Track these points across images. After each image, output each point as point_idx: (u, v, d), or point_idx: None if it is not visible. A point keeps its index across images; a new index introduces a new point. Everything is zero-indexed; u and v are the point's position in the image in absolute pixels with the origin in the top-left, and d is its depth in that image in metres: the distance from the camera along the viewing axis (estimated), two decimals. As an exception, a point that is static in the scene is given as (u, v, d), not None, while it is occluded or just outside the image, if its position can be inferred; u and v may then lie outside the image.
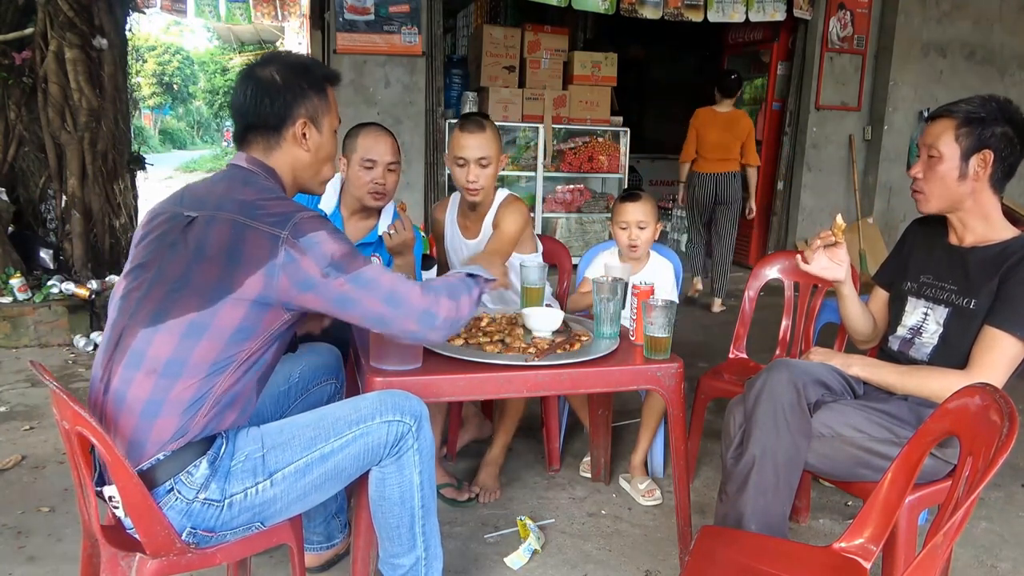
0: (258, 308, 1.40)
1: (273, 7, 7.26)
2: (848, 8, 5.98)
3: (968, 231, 1.83)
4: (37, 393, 3.33)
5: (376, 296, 1.44)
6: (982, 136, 1.73)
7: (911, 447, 1.44)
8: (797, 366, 1.75)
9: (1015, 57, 6.36)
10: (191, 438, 1.37)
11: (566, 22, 6.97)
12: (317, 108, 1.57)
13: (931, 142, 1.79)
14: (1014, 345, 1.67)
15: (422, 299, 1.47)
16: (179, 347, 1.36)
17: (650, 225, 2.43)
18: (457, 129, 2.39)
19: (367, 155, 2.25)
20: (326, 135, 1.60)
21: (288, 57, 1.61)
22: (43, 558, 2.08)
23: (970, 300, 1.76)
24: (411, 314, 1.46)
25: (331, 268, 1.41)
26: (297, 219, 1.41)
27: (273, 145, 1.55)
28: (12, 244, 4.29)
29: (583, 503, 2.48)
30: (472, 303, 1.57)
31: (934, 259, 1.89)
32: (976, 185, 1.77)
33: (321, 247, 1.41)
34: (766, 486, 1.63)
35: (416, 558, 1.63)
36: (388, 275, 1.47)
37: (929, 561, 1.11)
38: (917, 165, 1.84)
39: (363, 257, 1.47)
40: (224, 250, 1.39)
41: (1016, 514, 2.49)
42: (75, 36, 4.25)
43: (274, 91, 1.52)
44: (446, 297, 1.50)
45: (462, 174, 2.36)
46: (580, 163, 6.06)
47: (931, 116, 1.85)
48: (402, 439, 1.53)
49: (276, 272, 1.38)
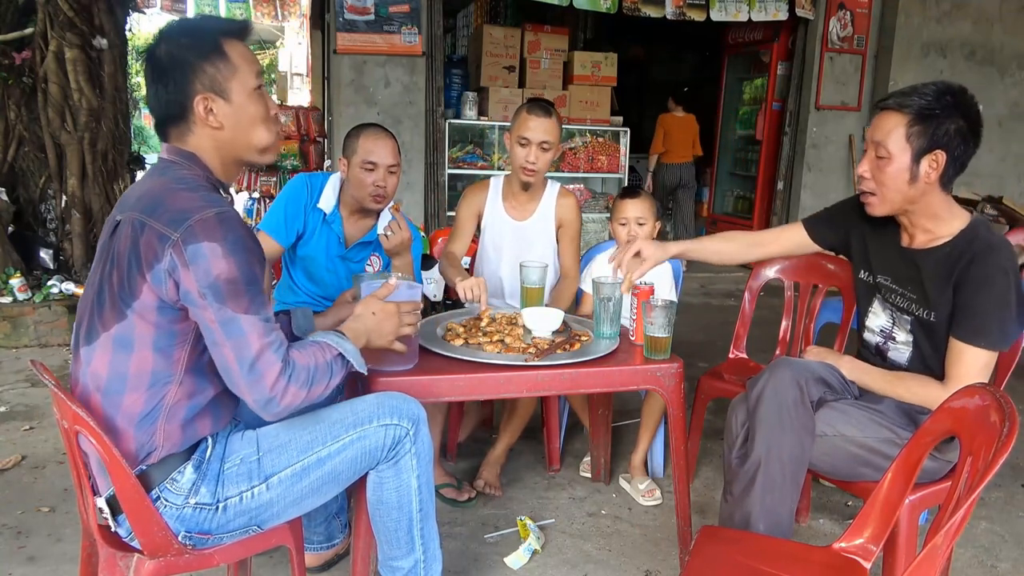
0: (166, 313, 1.30)
1: (273, 7, 7.26)
2: (848, 8, 5.98)
3: (918, 230, 1.75)
4: (37, 393, 3.33)
5: (236, 354, 1.28)
6: (935, 135, 1.60)
7: (911, 447, 1.44)
8: (799, 364, 1.75)
9: (1015, 57, 6.36)
10: (167, 451, 1.34)
11: (566, 22, 6.97)
12: (215, 76, 1.36)
13: (880, 139, 1.66)
14: (981, 354, 1.63)
15: (274, 384, 1.29)
16: (112, 362, 1.31)
17: (649, 222, 2.44)
18: (524, 111, 2.40)
19: (368, 157, 2.24)
20: (239, 99, 1.38)
21: (174, 28, 1.41)
22: (43, 558, 2.08)
23: (930, 312, 1.71)
24: (255, 391, 1.29)
25: (209, 292, 1.25)
26: (194, 220, 1.26)
27: (185, 131, 1.38)
28: (12, 244, 4.29)
29: (583, 503, 2.48)
30: (328, 389, 1.40)
31: (889, 260, 1.82)
32: (926, 187, 1.65)
33: (208, 262, 1.25)
34: (773, 485, 1.62)
35: (415, 561, 1.62)
36: (261, 339, 1.29)
37: (929, 561, 1.11)
38: (864, 162, 1.71)
39: (251, 295, 1.29)
40: (125, 254, 1.29)
41: (1016, 514, 2.48)
42: (75, 36, 4.24)
43: (164, 75, 1.35)
44: (298, 387, 1.32)
45: (523, 153, 2.38)
46: (580, 163, 6.06)
47: (880, 105, 1.69)
48: (399, 443, 1.52)
49: (162, 278, 1.26)
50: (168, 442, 1.35)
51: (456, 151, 5.80)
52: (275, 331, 1.33)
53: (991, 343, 1.63)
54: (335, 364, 1.41)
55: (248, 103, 1.40)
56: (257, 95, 1.41)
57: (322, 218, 2.32)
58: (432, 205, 5.62)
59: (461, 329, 2.01)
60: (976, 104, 1.63)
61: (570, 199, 2.55)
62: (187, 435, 1.37)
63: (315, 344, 1.41)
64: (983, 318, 1.62)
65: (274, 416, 1.34)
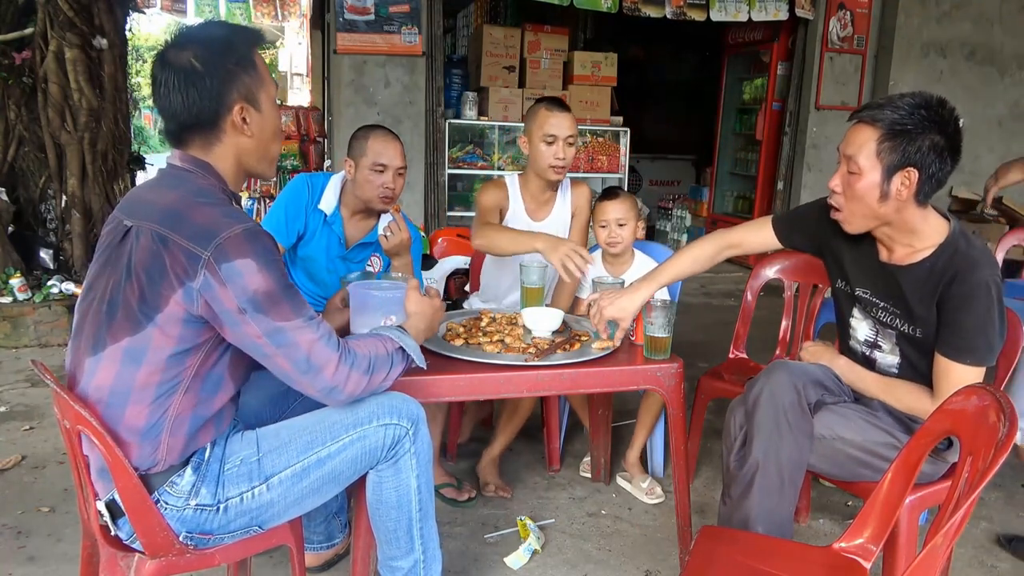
0: (190, 325, 1.30)
1: (273, 7, 7.26)
2: (848, 8, 5.98)
3: (897, 245, 1.68)
4: (37, 393, 3.33)
5: (289, 359, 1.32)
6: (907, 152, 1.53)
7: (911, 447, 1.44)
8: (796, 367, 1.75)
9: (1015, 57, 6.36)
10: (168, 464, 1.34)
11: (566, 22, 6.96)
12: (251, 85, 1.36)
13: (851, 153, 1.59)
14: (967, 371, 1.60)
15: (335, 374, 1.35)
16: (119, 375, 1.30)
17: (630, 222, 2.43)
18: (543, 109, 2.38)
19: (378, 160, 2.24)
20: (267, 110, 1.40)
21: (201, 34, 1.37)
22: (43, 558, 2.08)
23: (915, 328, 1.68)
24: (317, 383, 1.35)
25: (250, 306, 1.27)
26: (223, 239, 1.26)
27: (213, 140, 1.37)
28: (12, 244, 4.29)
29: (583, 503, 2.48)
30: (389, 380, 1.46)
31: (867, 274, 1.76)
32: (899, 204, 1.59)
33: (244, 279, 1.26)
34: (771, 488, 1.63)
35: (415, 561, 1.62)
36: (310, 336, 1.32)
37: (929, 561, 1.11)
38: (836, 176, 1.65)
39: (290, 301, 1.31)
40: (145, 266, 1.28)
41: (1016, 514, 2.48)
42: (75, 36, 4.24)
43: (197, 80, 1.31)
44: (360, 373, 1.38)
45: (550, 152, 2.36)
46: (580, 163, 6.06)
47: (852, 117, 1.63)
48: (399, 443, 1.52)
49: (195, 296, 1.26)
50: (171, 456, 1.34)
51: (456, 151, 5.80)
52: (321, 324, 1.36)
53: (977, 359, 1.60)
54: (396, 356, 1.47)
55: (272, 113, 1.43)
56: (275, 106, 1.44)
57: (323, 219, 2.32)
58: (432, 205, 5.62)
59: (461, 329, 2.01)
60: (956, 118, 1.55)
61: (583, 188, 2.57)
62: (189, 448, 1.36)
63: (376, 336, 1.49)
64: (968, 336, 1.59)
65: (338, 403, 1.42)
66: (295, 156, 6.32)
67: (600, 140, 6.11)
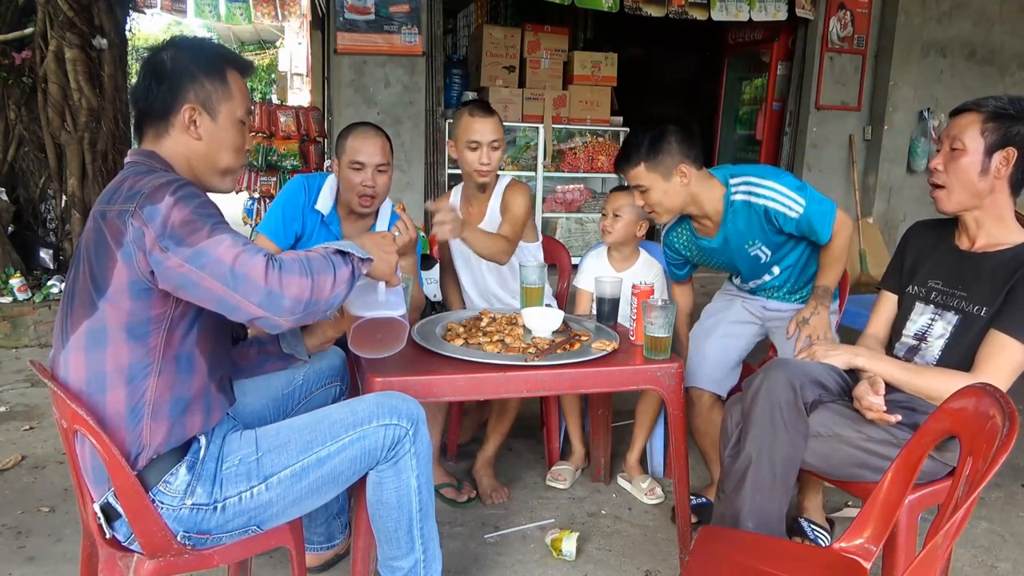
0: (139, 296, 1.28)
1: (273, 7, 7.27)
2: (848, 8, 5.97)
3: (981, 232, 1.79)
4: (37, 393, 3.33)
5: (216, 277, 1.23)
6: (1008, 133, 1.70)
7: (911, 447, 1.44)
8: (794, 366, 1.75)
9: (1015, 57, 6.36)
10: (155, 452, 1.34)
11: (566, 22, 6.97)
12: (211, 93, 1.41)
13: (955, 133, 1.75)
14: (1020, 351, 1.64)
15: (265, 277, 1.24)
16: (89, 362, 1.31)
17: (626, 215, 2.47)
18: (467, 114, 2.39)
19: (355, 157, 2.22)
20: (223, 123, 1.43)
21: (186, 40, 1.47)
22: (43, 558, 2.08)
23: (981, 308, 1.73)
24: (253, 294, 1.24)
25: (168, 240, 1.23)
26: (148, 188, 1.26)
27: (162, 132, 1.41)
28: (12, 244, 4.30)
29: (583, 503, 2.48)
30: (338, 284, 1.32)
31: (943, 264, 1.86)
32: (996, 183, 1.73)
33: (162, 215, 1.24)
34: (763, 484, 1.64)
35: (415, 561, 1.62)
36: (232, 246, 1.25)
37: (929, 561, 1.11)
38: (938, 156, 1.80)
39: (210, 224, 1.26)
40: (90, 247, 1.31)
41: (1016, 514, 2.48)
42: (75, 36, 4.24)
43: (162, 74, 1.39)
44: (297, 275, 1.27)
45: (475, 157, 2.38)
46: (580, 163, 6.06)
47: (956, 110, 1.81)
48: (399, 443, 1.52)
49: (131, 251, 1.25)
50: (155, 441, 1.34)
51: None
52: (246, 240, 1.29)
53: None
54: (333, 258, 1.34)
55: (230, 129, 1.46)
56: (240, 126, 1.47)
57: (320, 219, 2.32)
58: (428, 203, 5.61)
59: (461, 329, 2.01)
60: None
61: (516, 186, 2.47)
62: (175, 434, 1.36)
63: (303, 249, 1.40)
64: None
65: (290, 315, 1.27)
66: (295, 156, 6.31)
67: (600, 140, 6.11)
